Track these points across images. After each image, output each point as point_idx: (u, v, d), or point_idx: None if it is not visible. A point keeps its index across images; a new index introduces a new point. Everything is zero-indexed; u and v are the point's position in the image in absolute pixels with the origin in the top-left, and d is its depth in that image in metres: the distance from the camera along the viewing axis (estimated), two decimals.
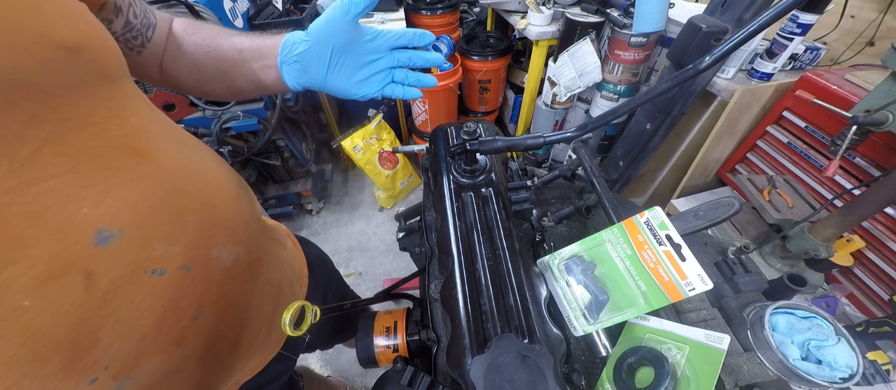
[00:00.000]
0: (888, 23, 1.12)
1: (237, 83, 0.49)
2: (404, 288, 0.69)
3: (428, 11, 1.73)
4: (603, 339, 0.46)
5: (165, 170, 0.33)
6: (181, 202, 0.34)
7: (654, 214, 0.40)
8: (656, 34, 1.30)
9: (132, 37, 0.42)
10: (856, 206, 0.87)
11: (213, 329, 0.38)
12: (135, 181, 0.30)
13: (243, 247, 0.41)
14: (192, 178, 0.36)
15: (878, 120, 0.77)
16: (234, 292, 0.40)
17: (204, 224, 0.36)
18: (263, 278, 0.47)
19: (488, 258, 0.43)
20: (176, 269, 0.32)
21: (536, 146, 0.49)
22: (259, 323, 0.47)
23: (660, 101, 1.19)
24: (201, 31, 0.48)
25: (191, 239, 0.34)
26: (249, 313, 0.44)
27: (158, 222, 0.32)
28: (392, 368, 0.44)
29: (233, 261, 0.39)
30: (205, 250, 0.36)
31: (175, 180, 0.34)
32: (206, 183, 0.38)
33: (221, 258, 0.38)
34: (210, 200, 0.38)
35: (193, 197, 0.35)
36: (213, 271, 0.37)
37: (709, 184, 1.47)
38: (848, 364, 0.50)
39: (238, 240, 0.41)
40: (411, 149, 1.33)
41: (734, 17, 0.96)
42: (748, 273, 0.64)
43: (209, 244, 0.36)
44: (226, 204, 0.40)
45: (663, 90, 0.42)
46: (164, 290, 0.32)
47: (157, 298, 0.31)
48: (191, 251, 0.34)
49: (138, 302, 0.30)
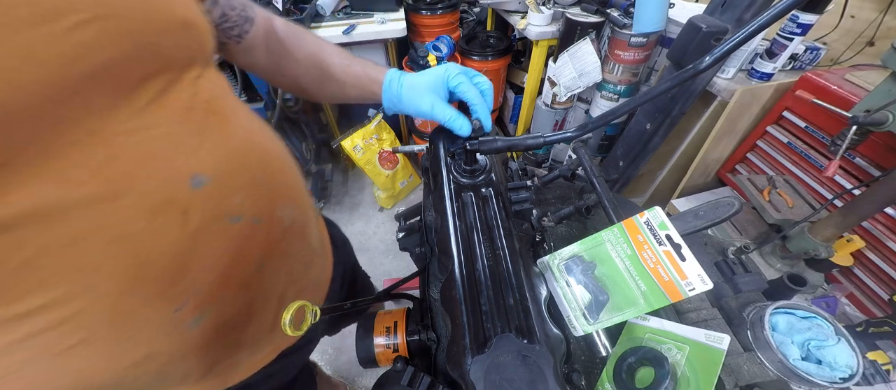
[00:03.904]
0: (888, 23, 1.12)
1: (332, 92, 0.58)
2: (404, 288, 0.69)
3: (428, 11, 1.73)
4: (603, 339, 0.46)
5: (241, 134, 0.39)
6: (253, 162, 0.39)
7: (654, 214, 0.40)
8: (656, 34, 1.30)
9: (229, 27, 0.47)
10: (856, 206, 0.87)
11: (271, 281, 0.43)
12: (220, 139, 0.36)
13: (299, 211, 0.46)
14: (259, 144, 0.41)
15: (878, 120, 0.77)
16: (289, 251, 0.45)
17: (270, 184, 0.41)
18: (308, 243, 0.52)
19: (488, 258, 0.43)
20: (248, 220, 0.37)
21: (536, 146, 0.49)
22: (302, 285, 0.52)
23: (660, 101, 1.19)
24: (306, 39, 0.56)
25: (261, 195, 0.39)
26: (294, 273, 0.49)
27: (238, 175, 0.37)
28: (392, 368, 0.44)
29: (290, 222, 0.44)
30: (271, 207, 0.41)
31: (248, 143, 0.39)
32: (268, 150, 0.43)
33: (283, 217, 0.43)
34: (273, 164, 0.43)
35: (261, 159, 0.41)
36: (276, 228, 0.42)
37: (709, 184, 1.47)
38: (848, 364, 0.50)
39: (295, 203, 0.46)
40: (411, 149, 1.33)
41: (734, 17, 0.96)
42: (748, 273, 0.64)
43: (274, 203, 0.41)
44: (284, 169, 0.45)
45: (663, 90, 0.42)
46: (238, 236, 0.37)
47: (232, 242, 0.36)
48: (260, 205, 0.39)
49: (218, 244, 0.35)
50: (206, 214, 0.33)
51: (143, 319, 0.32)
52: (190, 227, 0.32)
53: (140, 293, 0.31)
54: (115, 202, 0.28)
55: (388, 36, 1.58)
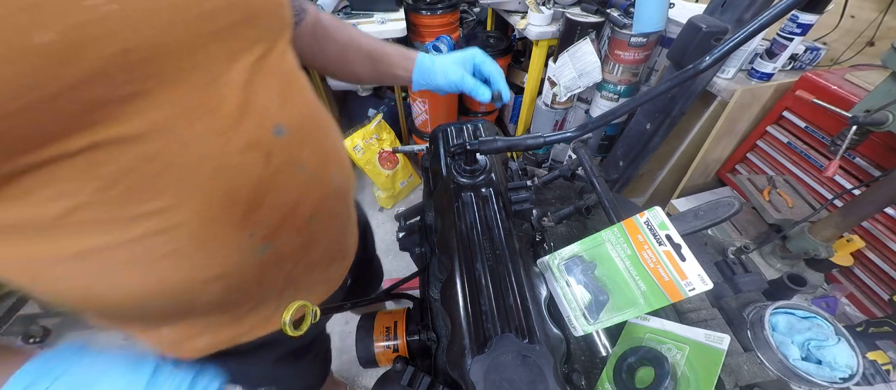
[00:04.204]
0: (888, 23, 1.12)
1: (364, 70, 0.67)
2: (404, 288, 0.69)
3: (428, 11, 1.73)
4: (603, 339, 0.46)
5: (309, 100, 0.46)
6: (316, 124, 0.46)
7: (654, 214, 0.40)
8: (656, 34, 1.30)
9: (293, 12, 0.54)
10: (856, 206, 0.87)
11: (317, 233, 0.49)
12: (297, 101, 0.42)
13: (344, 176, 0.52)
14: (320, 112, 0.48)
15: (878, 120, 0.77)
16: (333, 211, 0.52)
17: (325, 146, 0.47)
18: (347, 208, 0.58)
19: (488, 258, 0.43)
20: (310, 172, 0.44)
21: (536, 146, 0.49)
22: (336, 249, 0.58)
23: (660, 101, 1.19)
24: (345, 26, 0.65)
25: (320, 153, 0.46)
26: (332, 233, 0.55)
27: (306, 132, 0.43)
28: (392, 368, 0.44)
29: (338, 184, 0.50)
30: (325, 166, 0.47)
31: (313, 109, 0.46)
32: (325, 118, 0.49)
33: (333, 178, 0.49)
34: (328, 130, 0.49)
35: (321, 124, 0.47)
36: (327, 185, 0.48)
37: (709, 184, 1.47)
38: (848, 364, 0.50)
39: (343, 168, 0.52)
40: (411, 149, 1.33)
41: (734, 17, 0.96)
42: (748, 273, 0.64)
43: (328, 163, 0.47)
44: (335, 137, 0.52)
45: (663, 90, 0.42)
46: (300, 185, 0.43)
47: (296, 189, 0.42)
48: (318, 162, 0.45)
49: (288, 187, 0.41)
50: (283, 159, 0.40)
51: (222, 241, 0.38)
52: (270, 168, 0.38)
53: (225, 217, 0.37)
54: (222, 137, 0.34)
55: (387, 36, 1.58)
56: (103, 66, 0.27)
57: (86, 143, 0.28)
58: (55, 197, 0.29)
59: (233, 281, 0.41)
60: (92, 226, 0.31)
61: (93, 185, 0.30)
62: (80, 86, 0.26)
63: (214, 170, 0.34)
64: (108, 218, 0.32)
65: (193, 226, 0.35)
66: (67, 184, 0.29)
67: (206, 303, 0.38)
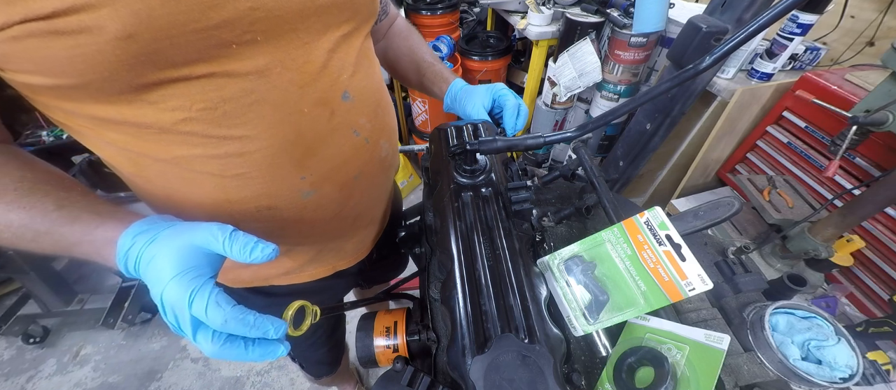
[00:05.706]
0: (888, 23, 1.12)
1: (414, 80, 0.76)
2: (404, 288, 0.69)
3: (428, 11, 1.73)
4: (603, 339, 0.46)
5: (375, 78, 0.53)
6: (377, 99, 0.53)
7: (654, 214, 0.40)
8: (656, 34, 1.30)
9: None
10: (856, 206, 0.87)
11: (359, 194, 0.56)
12: (365, 76, 0.50)
13: (391, 149, 0.60)
14: (381, 90, 0.55)
15: (878, 120, 0.77)
16: (376, 179, 0.59)
17: (381, 119, 0.54)
18: (389, 178, 0.65)
19: (488, 258, 0.43)
20: (363, 137, 0.51)
21: (536, 146, 0.49)
22: (373, 214, 0.64)
23: (660, 101, 1.19)
24: (414, 35, 0.76)
25: (375, 124, 0.53)
26: (372, 198, 0.61)
27: (367, 104, 0.50)
28: (392, 368, 0.44)
29: (384, 155, 0.57)
30: (377, 136, 0.54)
31: (377, 86, 0.54)
32: (385, 96, 0.56)
33: (382, 149, 0.56)
34: (385, 107, 0.56)
35: (380, 100, 0.54)
36: (375, 153, 0.55)
37: (709, 184, 1.47)
38: (848, 364, 0.50)
39: (392, 143, 0.59)
40: (411, 149, 1.33)
41: (734, 17, 0.96)
42: (748, 273, 0.64)
43: (380, 134, 0.55)
44: (390, 113, 0.59)
45: (663, 90, 0.42)
46: (353, 147, 0.50)
47: (349, 149, 0.49)
48: (372, 131, 0.52)
49: (342, 144, 0.48)
50: (343, 120, 0.47)
51: (281, 174, 0.45)
52: (331, 124, 0.46)
53: (287, 154, 0.44)
54: (301, 89, 0.42)
55: None
56: (236, 16, 0.35)
57: (205, 71, 0.36)
58: (173, 108, 0.36)
59: (281, 213, 0.48)
60: (191, 138, 0.39)
61: (201, 104, 0.37)
62: (218, 27, 0.34)
63: (289, 114, 0.42)
64: (204, 133, 0.39)
65: (263, 156, 0.42)
66: (185, 100, 0.36)
67: (256, 231, 0.39)
